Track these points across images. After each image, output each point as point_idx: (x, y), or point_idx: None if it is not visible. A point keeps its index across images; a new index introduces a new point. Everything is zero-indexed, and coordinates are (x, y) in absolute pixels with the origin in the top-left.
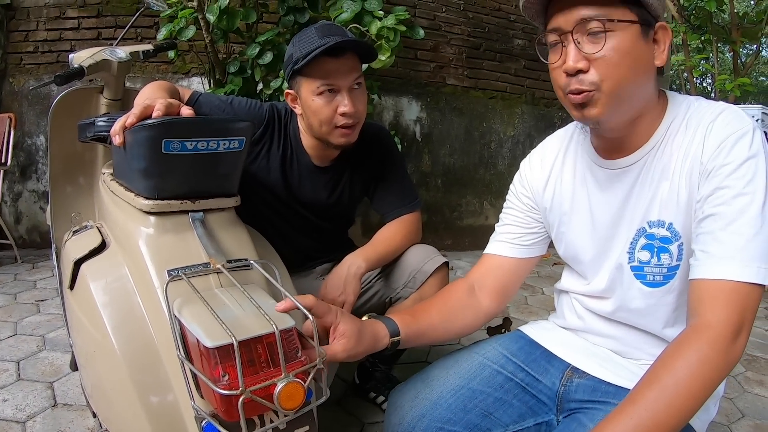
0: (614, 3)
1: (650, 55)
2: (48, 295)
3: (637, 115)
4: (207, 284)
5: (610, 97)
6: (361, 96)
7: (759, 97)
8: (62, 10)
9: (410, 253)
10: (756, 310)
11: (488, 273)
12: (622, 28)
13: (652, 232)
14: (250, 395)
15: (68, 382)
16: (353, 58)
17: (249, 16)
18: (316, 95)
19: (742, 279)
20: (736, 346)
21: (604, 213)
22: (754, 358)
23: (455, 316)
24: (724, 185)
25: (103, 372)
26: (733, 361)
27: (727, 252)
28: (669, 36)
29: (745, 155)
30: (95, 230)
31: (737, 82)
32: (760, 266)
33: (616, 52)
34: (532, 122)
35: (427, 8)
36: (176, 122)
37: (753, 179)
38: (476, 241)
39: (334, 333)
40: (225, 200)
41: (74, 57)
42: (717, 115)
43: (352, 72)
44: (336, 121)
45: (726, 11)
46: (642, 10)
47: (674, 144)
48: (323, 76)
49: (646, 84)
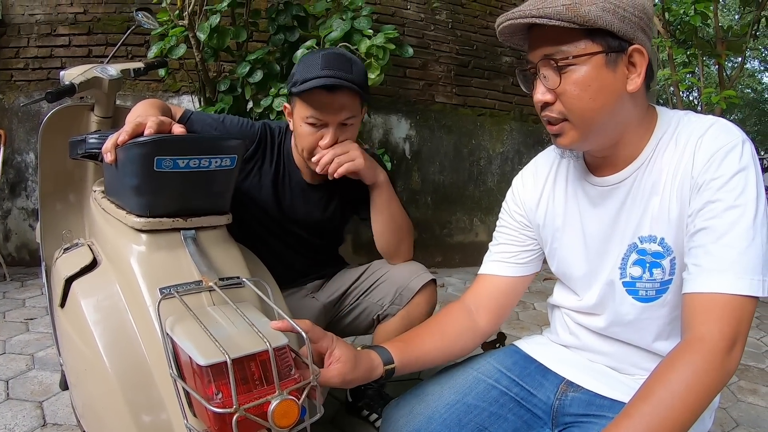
0: (575, 38)
1: (620, 81)
2: (37, 313)
3: (617, 137)
4: (199, 302)
5: (578, 128)
6: (348, 132)
7: (744, 109)
8: (53, 27)
9: (397, 269)
10: (750, 322)
11: (484, 294)
12: (583, 61)
13: (643, 248)
14: (244, 413)
15: (58, 401)
16: (350, 94)
17: (239, 35)
18: (305, 122)
19: (736, 292)
20: (731, 358)
21: (595, 229)
22: (746, 368)
23: (453, 340)
24: (715, 199)
25: (94, 391)
26: (728, 374)
27: (720, 265)
28: (645, 59)
29: (735, 168)
30: (86, 248)
31: (723, 95)
32: (753, 278)
33: (577, 86)
34: (521, 139)
35: (416, 27)
36: (168, 140)
37: (743, 192)
38: (466, 258)
39: (329, 358)
40: (217, 218)
41: (65, 74)
42: (706, 129)
43: (343, 110)
44: (316, 152)
45: (711, 25)
46: (608, 38)
47: (664, 159)
48: (314, 107)
49: (616, 109)
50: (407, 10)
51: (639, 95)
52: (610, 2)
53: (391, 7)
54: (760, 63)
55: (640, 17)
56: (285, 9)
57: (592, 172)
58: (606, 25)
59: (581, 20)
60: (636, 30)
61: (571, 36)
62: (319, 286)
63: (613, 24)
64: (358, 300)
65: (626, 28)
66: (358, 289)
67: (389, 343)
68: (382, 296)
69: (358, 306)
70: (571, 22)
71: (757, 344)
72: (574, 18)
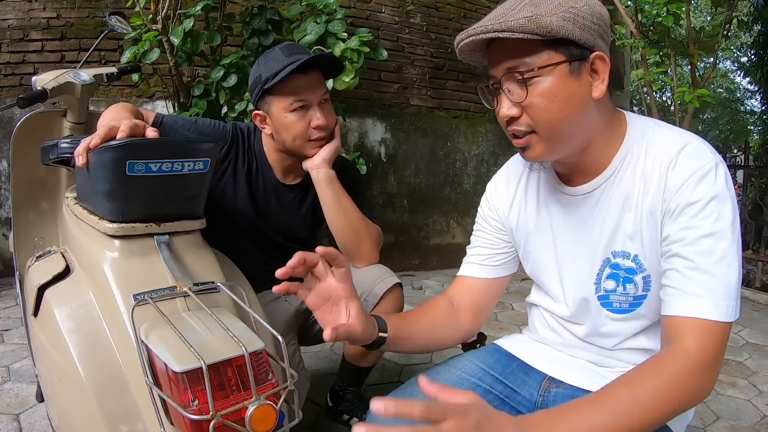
0: (537, 50)
1: (584, 88)
2: (12, 324)
3: (584, 145)
4: (174, 308)
5: (545, 140)
6: (329, 108)
7: (717, 108)
8: (26, 33)
9: (361, 274)
10: (726, 345)
11: (463, 293)
12: (548, 72)
13: (617, 262)
14: (221, 420)
15: (34, 413)
16: (319, 74)
17: (213, 39)
18: (289, 112)
19: (714, 318)
20: (711, 376)
21: (565, 239)
22: (725, 361)
23: (439, 327)
24: (692, 225)
25: (69, 401)
26: (704, 390)
27: (698, 290)
28: (607, 65)
29: (709, 194)
30: (59, 255)
31: (696, 94)
32: (729, 305)
33: (543, 97)
34: (496, 140)
35: (390, 30)
36: (140, 143)
37: (719, 218)
38: (444, 260)
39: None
40: (191, 223)
41: (37, 79)
42: (679, 150)
43: (320, 87)
44: (310, 134)
45: (683, 26)
46: (570, 48)
47: (636, 172)
48: (295, 92)
49: (583, 117)
50: (382, 13)
51: (603, 101)
52: (570, 12)
53: (365, 10)
54: (732, 63)
55: (598, 24)
56: (259, 13)
57: (562, 180)
58: (568, 35)
59: (544, 31)
60: (596, 37)
61: (534, 47)
62: None
63: (574, 33)
64: None
65: (587, 36)
66: None
67: (386, 315)
68: None
69: None
70: (534, 34)
71: (735, 338)
72: (537, 29)
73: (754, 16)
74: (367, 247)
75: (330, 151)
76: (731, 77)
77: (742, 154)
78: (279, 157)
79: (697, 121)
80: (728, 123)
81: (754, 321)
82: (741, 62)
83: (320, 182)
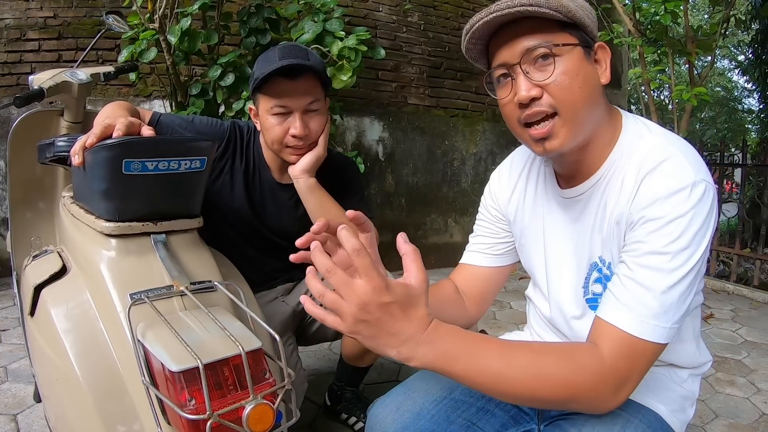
0: (554, 29)
1: (596, 74)
2: (10, 324)
3: (590, 139)
4: (171, 307)
5: (569, 122)
6: (315, 118)
7: (714, 107)
8: (23, 32)
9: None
10: (647, 365)
11: (466, 280)
12: (567, 51)
13: (601, 267)
14: (218, 419)
15: (32, 413)
16: (311, 80)
17: (211, 38)
18: (270, 114)
19: (638, 335)
20: (617, 392)
21: (554, 239)
22: (723, 360)
23: (446, 306)
24: (645, 240)
25: (66, 402)
26: (604, 402)
27: (630, 303)
28: (608, 54)
29: (674, 213)
30: (55, 254)
31: (694, 92)
32: (658, 325)
33: (567, 75)
34: (494, 139)
35: (388, 29)
36: (136, 142)
37: (676, 240)
38: (442, 259)
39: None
40: (187, 221)
41: (34, 79)
42: (659, 163)
43: (306, 95)
44: (286, 141)
45: (681, 24)
46: (581, 33)
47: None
48: (277, 96)
49: (598, 104)
50: (379, 12)
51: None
52: (576, 2)
53: (363, 9)
54: (730, 61)
55: (594, 21)
56: (257, 12)
57: (559, 179)
58: (581, 20)
59: (565, 11)
60: (594, 29)
61: (551, 28)
62: (289, 289)
63: (584, 20)
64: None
65: (592, 26)
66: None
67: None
68: None
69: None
70: (558, 12)
71: (733, 336)
72: (560, 8)
73: (752, 15)
74: None
75: (309, 161)
76: (729, 76)
77: (740, 153)
78: (274, 156)
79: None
80: (726, 122)
81: (752, 319)
82: (739, 61)
83: (300, 191)
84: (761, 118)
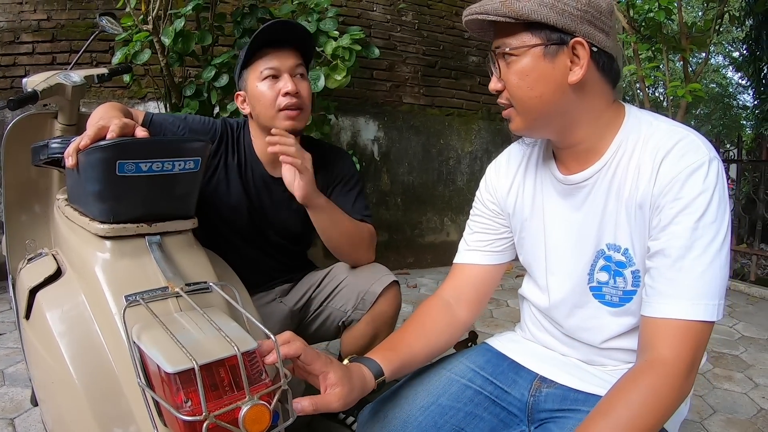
0: (516, 32)
1: (559, 72)
2: (6, 328)
3: (567, 127)
4: (166, 309)
5: (521, 114)
6: (303, 83)
7: (709, 104)
8: (16, 35)
9: (358, 273)
10: (706, 345)
11: (463, 284)
12: (522, 53)
13: (610, 255)
14: (214, 420)
15: (29, 417)
16: (294, 51)
17: (204, 39)
18: (260, 81)
19: (692, 318)
20: (689, 381)
21: (556, 227)
22: (720, 355)
23: (435, 337)
24: (675, 222)
25: (63, 404)
26: (684, 396)
27: (676, 290)
28: (587, 52)
29: (697, 190)
30: (50, 257)
31: (689, 88)
32: (709, 303)
33: (517, 75)
34: (489, 137)
35: (382, 28)
36: (130, 143)
37: (703, 215)
38: (438, 258)
39: (326, 382)
40: (182, 222)
41: (27, 81)
42: (674, 144)
43: (292, 57)
44: (279, 102)
45: (675, 21)
46: (547, 32)
47: (630, 164)
48: (265, 61)
49: (558, 100)
50: (373, 11)
51: (590, 88)
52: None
53: (357, 8)
54: (724, 58)
55: (584, 11)
56: (250, 12)
57: (559, 165)
58: (542, 19)
59: (515, 15)
60: (580, 23)
61: (513, 30)
62: (287, 290)
63: (549, 17)
64: (322, 306)
65: (566, 21)
66: (321, 294)
67: (376, 353)
68: (344, 302)
69: (323, 312)
70: (507, 17)
71: (730, 332)
72: (509, 13)
73: (746, 11)
74: (362, 250)
75: (305, 188)
76: (723, 72)
77: (735, 149)
78: (265, 149)
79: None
80: (721, 118)
81: (749, 314)
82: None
83: (311, 213)
84: (756, 114)
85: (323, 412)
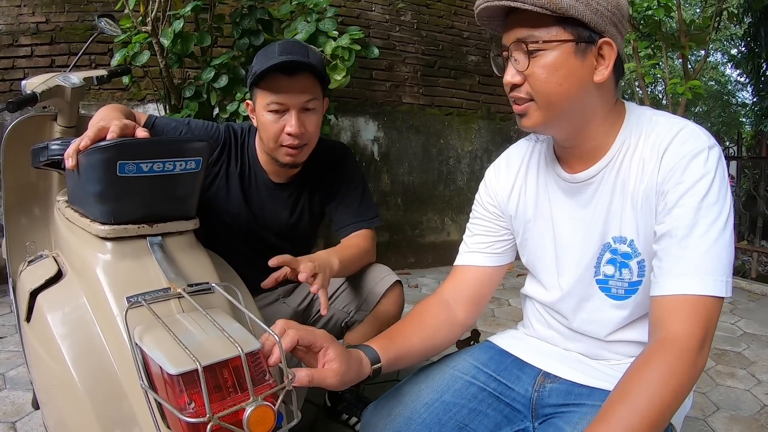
0: (547, 24)
1: (587, 70)
2: (7, 332)
3: (581, 126)
4: (168, 310)
5: (542, 109)
6: (312, 118)
7: (708, 101)
8: (15, 38)
9: (362, 274)
10: (717, 321)
11: (462, 286)
12: (552, 47)
13: (616, 248)
14: (218, 422)
15: (31, 421)
16: (309, 79)
17: (203, 40)
18: (267, 111)
19: (701, 292)
20: (702, 357)
21: (565, 225)
22: (723, 352)
23: (433, 334)
24: (679, 204)
25: (64, 407)
26: (699, 372)
27: (684, 267)
28: (614, 52)
29: (699, 174)
30: (51, 259)
31: (688, 85)
32: (717, 279)
33: (546, 69)
34: (489, 137)
35: (381, 28)
36: (131, 143)
37: (706, 196)
38: (439, 258)
39: (324, 357)
40: (183, 223)
41: (27, 83)
42: (674, 134)
43: (303, 93)
44: (282, 140)
45: (674, 18)
46: (579, 28)
47: (633, 159)
48: (274, 92)
49: (582, 97)
50: (372, 11)
51: (606, 88)
52: None
53: (356, 9)
54: (723, 55)
55: (612, 12)
56: (249, 13)
57: (562, 165)
58: (578, 15)
59: (554, 7)
60: (608, 24)
61: (545, 22)
62: (290, 291)
63: (585, 15)
64: None
65: (598, 20)
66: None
67: (374, 341)
68: (347, 303)
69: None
70: (545, 9)
71: (732, 329)
72: (547, 4)
73: (745, 8)
74: (367, 260)
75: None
76: (722, 69)
77: (735, 146)
78: (269, 158)
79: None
80: (720, 115)
81: (750, 311)
82: (732, 54)
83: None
84: (755, 111)
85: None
